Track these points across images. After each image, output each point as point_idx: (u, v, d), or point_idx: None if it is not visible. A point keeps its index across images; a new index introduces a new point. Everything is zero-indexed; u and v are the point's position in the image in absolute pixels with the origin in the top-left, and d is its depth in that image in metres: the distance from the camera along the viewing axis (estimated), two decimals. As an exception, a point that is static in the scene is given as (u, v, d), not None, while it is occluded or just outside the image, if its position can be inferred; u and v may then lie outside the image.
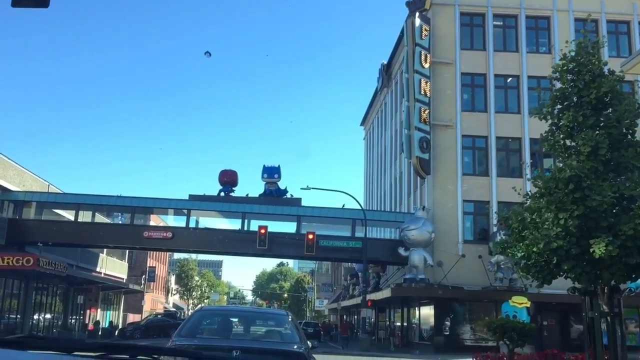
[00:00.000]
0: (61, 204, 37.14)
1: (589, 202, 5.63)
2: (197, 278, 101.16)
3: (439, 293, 31.28)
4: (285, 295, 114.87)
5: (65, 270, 35.07)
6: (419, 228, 31.83)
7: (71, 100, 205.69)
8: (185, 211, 36.29)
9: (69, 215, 37.55)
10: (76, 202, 35.91)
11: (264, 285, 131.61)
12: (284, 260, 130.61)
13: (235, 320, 8.43)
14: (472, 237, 33.98)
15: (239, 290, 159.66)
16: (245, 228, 35.83)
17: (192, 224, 36.54)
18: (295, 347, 6.72)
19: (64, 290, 41.78)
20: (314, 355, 7.24)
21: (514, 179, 34.15)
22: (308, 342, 7.45)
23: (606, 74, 7.82)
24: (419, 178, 36.05)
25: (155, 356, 1.36)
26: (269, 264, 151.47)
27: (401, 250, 32.53)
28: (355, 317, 55.26)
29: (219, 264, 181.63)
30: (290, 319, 7.98)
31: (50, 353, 1.33)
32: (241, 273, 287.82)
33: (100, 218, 39.07)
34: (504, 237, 7.17)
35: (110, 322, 48.96)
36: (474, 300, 32.28)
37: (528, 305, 27.48)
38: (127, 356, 1.35)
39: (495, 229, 32.72)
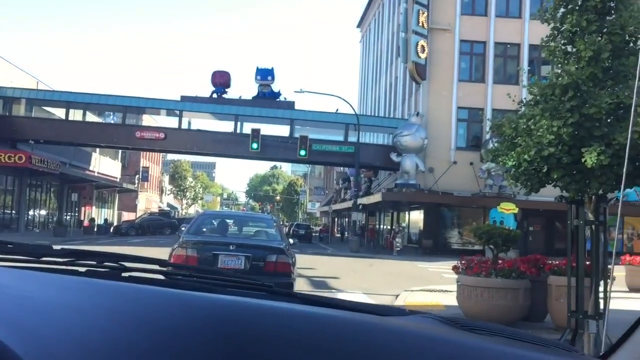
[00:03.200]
0: (51, 102, 36.60)
1: (585, 109, 5.51)
2: (190, 179, 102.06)
3: (429, 198, 31.78)
4: (278, 197, 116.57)
5: (58, 168, 35.20)
6: (412, 134, 31.81)
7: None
8: (177, 112, 35.99)
9: (59, 113, 37.13)
10: (66, 100, 35.42)
11: (257, 187, 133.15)
12: (277, 164, 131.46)
13: (231, 222, 9.97)
14: (464, 144, 34.07)
15: (232, 192, 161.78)
16: (238, 130, 35.70)
17: (184, 126, 36.36)
18: (277, 243, 8.24)
19: (58, 188, 42.13)
20: (294, 250, 8.85)
21: (510, 85, 33.65)
22: (290, 240, 9.46)
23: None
24: (414, 84, 35.57)
25: (121, 263, 1.39)
26: (262, 167, 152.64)
27: (393, 156, 32.67)
28: (346, 219, 56.45)
29: (212, 166, 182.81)
30: (274, 223, 9.58)
31: (18, 258, 1.36)
32: (234, 176, 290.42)
33: (92, 117, 38.74)
34: (496, 144, 7.10)
35: (105, 220, 49.78)
36: (463, 206, 32.87)
37: (515, 211, 28.05)
38: (95, 262, 1.38)
39: (488, 136, 32.77)
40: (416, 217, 34.41)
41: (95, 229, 44.51)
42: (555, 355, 1.06)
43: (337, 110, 37.00)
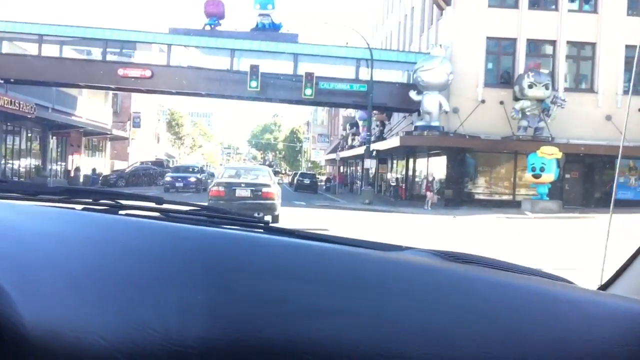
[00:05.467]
0: (22, 34, 32.14)
1: None
2: (187, 126, 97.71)
3: (454, 142, 27.87)
4: (280, 145, 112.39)
5: (32, 111, 31.14)
6: (436, 68, 27.54)
7: None
8: (165, 47, 31.73)
9: (33, 50, 32.76)
10: (39, 33, 31.11)
11: (259, 136, 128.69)
12: (278, 112, 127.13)
13: (242, 171, 16.67)
14: (494, 81, 29.76)
15: (231, 144, 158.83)
16: (235, 67, 31.47)
17: (173, 64, 32.12)
18: (267, 182, 14.84)
19: (40, 135, 38.18)
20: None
21: (546, 11, 29.41)
22: (277, 183, 17.28)
23: None
24: (434, 11, 31.11)
25: (118, 201, 1.31)
26: (263, 117, 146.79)
27: (413, 94, 28.53)
28: (353, 168, 52.73)
29: (209, 116, 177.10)
30: (268, 172, 16.27)
31: (11, 195, 1.29)
32: (233, 126, 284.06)
33: (70, 55, 34.45)
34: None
35: (94, 169, 45.83)
36: (492, 152, 28.95)
37: (559, 156, 24.12)
38: (90, 200, 1.31)
39: (522, 70, 28.54)
40: (437, 164, 30.46)
41: (82, 180, 40.85)
42: (547, 285, 1.04)
43: (347, 44, 32.67)
